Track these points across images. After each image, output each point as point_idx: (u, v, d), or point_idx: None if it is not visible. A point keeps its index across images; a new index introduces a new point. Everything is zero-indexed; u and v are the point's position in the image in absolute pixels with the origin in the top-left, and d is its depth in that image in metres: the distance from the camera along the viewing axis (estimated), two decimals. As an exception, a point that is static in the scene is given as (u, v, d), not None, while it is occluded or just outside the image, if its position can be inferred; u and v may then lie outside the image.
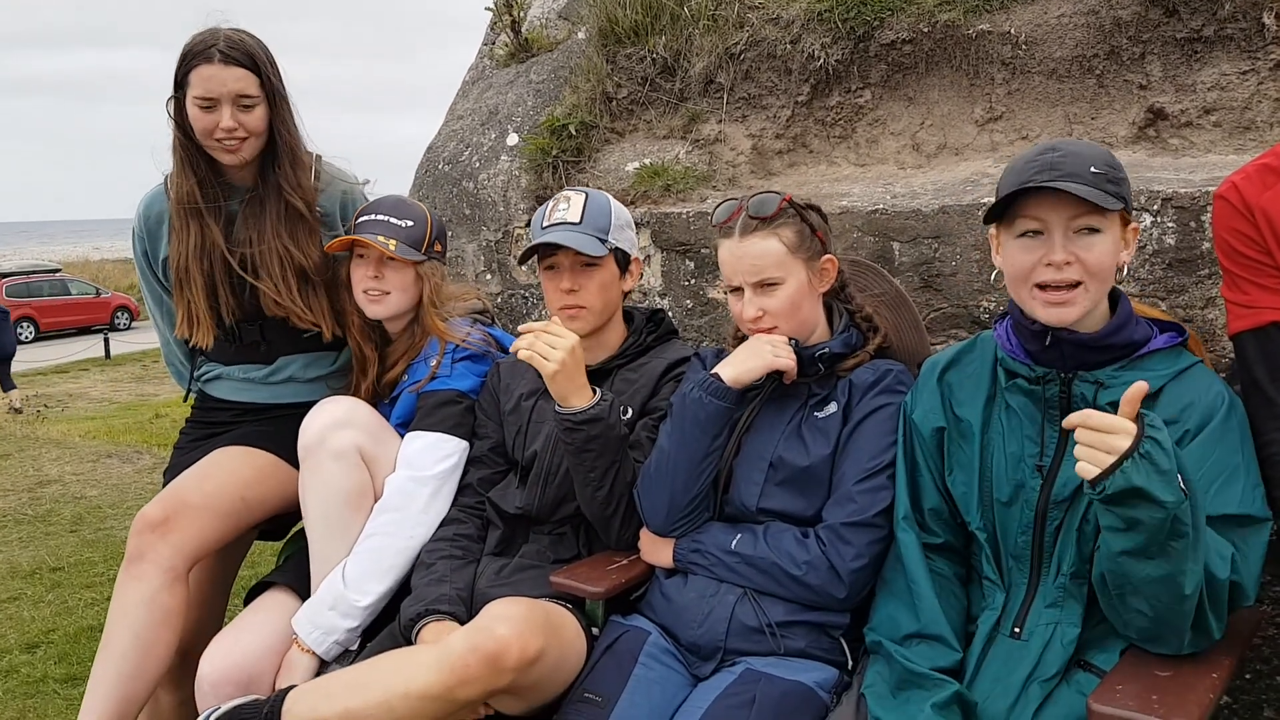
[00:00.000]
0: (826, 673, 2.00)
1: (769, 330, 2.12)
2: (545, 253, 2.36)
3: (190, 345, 2.73)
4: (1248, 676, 2.24)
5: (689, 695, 2.02)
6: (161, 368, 17.07)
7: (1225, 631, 1.69)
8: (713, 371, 2.12)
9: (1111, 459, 1.51)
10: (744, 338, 2.22)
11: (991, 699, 1.78)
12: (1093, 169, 1.72)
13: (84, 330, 24.39)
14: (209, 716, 1.97)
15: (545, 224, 2.36)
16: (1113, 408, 1.56)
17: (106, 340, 20.35)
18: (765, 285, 2.09)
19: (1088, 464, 1.55)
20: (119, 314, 26.27)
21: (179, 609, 2.39)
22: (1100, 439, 1.53)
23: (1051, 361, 1.81)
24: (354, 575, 2.31)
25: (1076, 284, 1.73)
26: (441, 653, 1.89)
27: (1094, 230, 1.72)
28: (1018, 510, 1.84)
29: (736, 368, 2.11)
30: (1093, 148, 1.77)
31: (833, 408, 2.13)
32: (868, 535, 2.02)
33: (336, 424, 2.37)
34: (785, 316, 2.11)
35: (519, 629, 1.89)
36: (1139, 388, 1.53)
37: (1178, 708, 1.55)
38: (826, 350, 2.13)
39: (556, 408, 2.20)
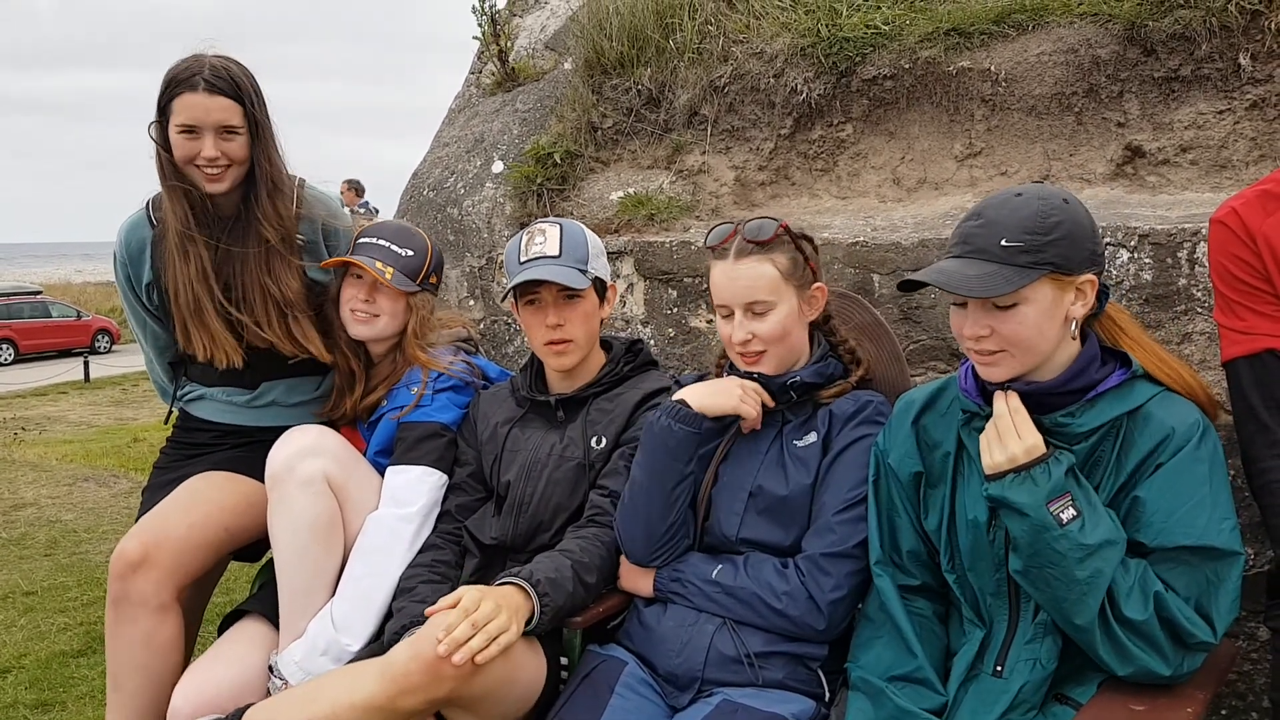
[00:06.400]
0: (803, 704, 1.99)
1: (757, 354, 2.12)
2: (526, 288, 2.35)
3: (201, 363, 2.68)
4: (1223, 713, 2.25)
5: (666, 727, 2.01)
6: (140, 391, 16.98)
7: (1194, 668, 1.68)
8: (678, 397, 2.12)
9: (1004, 465, 1.69)
10: (728, 365, 2.23)
11: (968, 733, 1.79)
12: (1004, 241, 1.67)
13: (64, 353, 24.20)
14: None
15: (524, 258, 2.35)
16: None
17: (86, 363, 20.16)
18: (757, 310, 2.10)
19: (986, 454, 1.73)
20: (100, 337, 26.08)
21: (178, 636, 2.42)
22: (1008, 436, 1.71)
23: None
24: (342, 617, 2.30)
25: (1001, 349, 1.73)
26: (384, 663, 1.89)
27: (1010, 303, 1.68)
28: (987, 549, 1.83)
29: (702, 398, 2.12)
30: (1019, 210, 1.69)
31: (812, 437, 2.13)
32: (847, 566, 2.02)
33: (303, 452, 2.35)
34: (774, 341, 2.11)
35: None
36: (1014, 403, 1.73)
37: (1152, 742, 1.55)
38: (798, 379, 2.14)
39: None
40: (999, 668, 1.82)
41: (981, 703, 1.80)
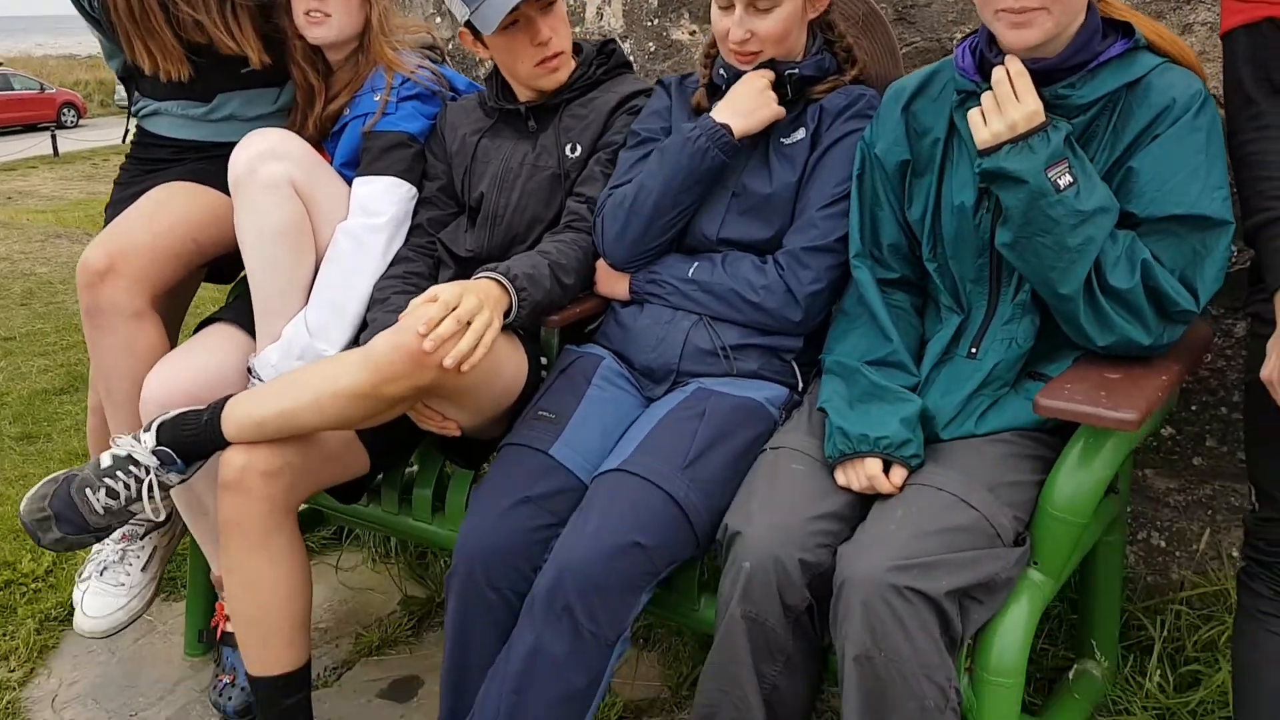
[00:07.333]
0: (777, 391, 2.00)
1: (753, 54, 2.02)
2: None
3: (150, 77, 2.55)
4: (1193, 408, 2.28)
5: (641, 414, 2.02)
6: (111, 166, 16.60)
7: (1173, 340, 1.69)
8: (723, 123, 2.00)
9: (1004, 134, 1.63)
10: (716, 59, 2.12)
11: (939, 408, 1.81)
12: None
13: (30, 128, 23.56)
14: (153, 423, 1.97)
15: None
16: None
17: (54, 137, 19.64)
18: (760, 6, 1.97)
19: (982, 127, 1.66)
20: (65, 110, 25.36)
21: (160, 342, 2.36)
22: (1008, 103, 1.65)
23: None
24: (317, 324, 2.26)
25: (1043, 6, 1.63)
26: (366, 353, 1.88)
27: None
28: (971, 234, 1.80)
29: (747, 119, 2.01)
30: None
31: (801, 134, 2.06)
32: (826, 260, 1.99)
33: (265, 155, 2.24)
34: (774, 41, 2.01)
35: None
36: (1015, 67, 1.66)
37: (1124, 401, 1.56)
38: (796, 72, 2.04)
39: None
40: (974, 349, 1.83)
41: (954, 382, 1.82)
